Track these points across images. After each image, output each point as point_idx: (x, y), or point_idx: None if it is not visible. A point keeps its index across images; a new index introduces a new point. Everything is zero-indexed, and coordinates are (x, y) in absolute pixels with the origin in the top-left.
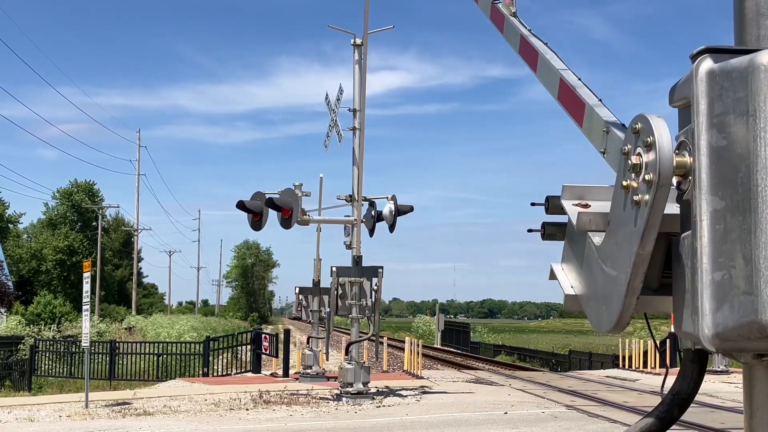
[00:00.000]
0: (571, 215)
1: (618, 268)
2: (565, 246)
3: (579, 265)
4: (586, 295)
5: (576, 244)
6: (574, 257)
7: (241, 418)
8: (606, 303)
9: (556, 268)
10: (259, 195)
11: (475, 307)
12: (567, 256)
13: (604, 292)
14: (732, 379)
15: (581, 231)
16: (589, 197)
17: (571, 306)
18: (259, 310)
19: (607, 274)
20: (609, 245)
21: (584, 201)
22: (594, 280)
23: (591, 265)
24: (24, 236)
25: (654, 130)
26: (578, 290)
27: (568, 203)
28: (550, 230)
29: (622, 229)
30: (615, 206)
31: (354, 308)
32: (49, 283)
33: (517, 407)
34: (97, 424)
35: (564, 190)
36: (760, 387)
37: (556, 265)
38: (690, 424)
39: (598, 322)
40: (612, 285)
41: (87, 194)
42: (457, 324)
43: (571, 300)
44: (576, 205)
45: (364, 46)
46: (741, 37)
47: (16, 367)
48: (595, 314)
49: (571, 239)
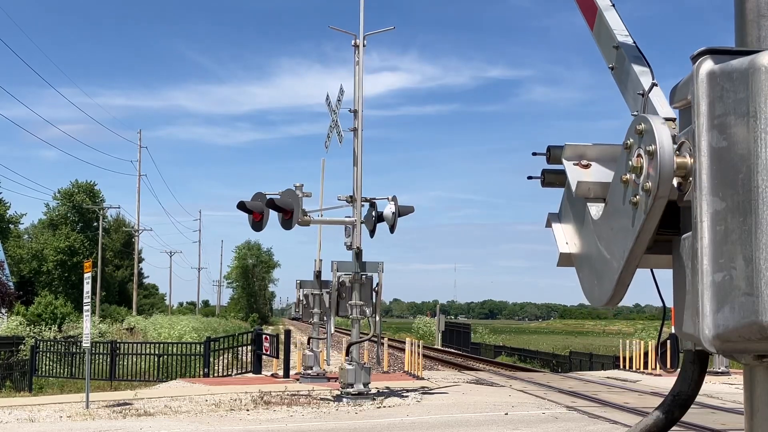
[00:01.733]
0: (571, 178)
1: (612, 253)
2: (564, 199)
3: (575, 225)
4: (580, 261)
5: (574, 205)
6: (572, 215)
7: (241, 418)
8: (598, 279)
9: (552, 219)
10: (260, 196)
11: (475, 307)
12: (564, 211)
13: (597, 268)
14: (732, 380)
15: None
16: (591, 156)
17: (564, 263)
18: (259, 311)
19: (601, 252)
20: (605, 227)
21: (585, 161)
22: (589, 251)
23: (587, 234)
24: (25, 237)
25: (655, 133)
26: (573, 250)
27: (568, 163)
28: (549, 178)
29: (619, 220)
30: (613, 195)
31: (354, 308)
32: (49, 284)
33: (518, 408)
34: (98, 425)
35: (565, 149)
36: (760, 388)
37: (553, 215)
38: (691, 425)
39: (590, 295)
40: (605, 266)
41: (88, 195)
42: (457, 325)
43: (566, 258)
44: (576, 164)
45: (360, 47)
46: (741, 38)
47: (17, 368)
48: (587, 285)
49: (570, 197)
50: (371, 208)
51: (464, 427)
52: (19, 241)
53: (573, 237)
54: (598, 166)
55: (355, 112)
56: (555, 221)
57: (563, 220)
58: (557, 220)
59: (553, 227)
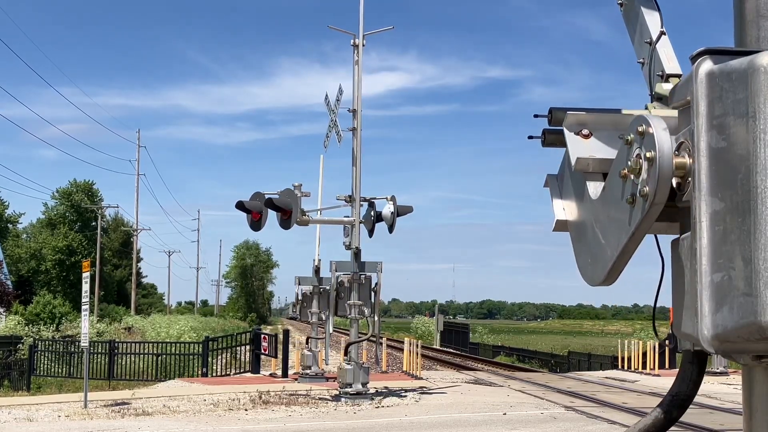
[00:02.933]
0: (571, 150)
1: (607, 240)
2: (564, 164)
3: (574, 194)
4: (575, 232)
5: (574, 175)
6: (571, 183)
7: (240, 418)
8: (592, 259)
9: (551, 182)
10: (259, 195)
11: (474, 307)
12: (564, 176)
13: (592, 248)
14: (731, 381)
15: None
16: (593, 125)
17: (559, 228)
18: (258, 311)
19: (596, 234)
20: (602, 211)
21: (586, 131)
22: (584, 226)
23: (584, 209)
24: (23, 236)
25: (655, 140)
26: (569, 218)
27: (569, 133)
28: (551, 139)
29: (616, 211)
30: (611, 186)
31: (353, 308)
32: (48, 283)
33: (516, 408)
34: (96, 424)
35: (567, 117)
36: (759, 388)
37: (552, 177)
38: (689, 425)
39: (584, 272)
40: (599, 249)
41: (86, 194)
42: (456, 325)
43: (561, 224)
44: (577, 134)
45: (359, 47)
46: (741, 39)
47: (15, 367)
48: (581, 261)
49: (570, 164)
50: (370, 207)
51: (463, 427)
52: (17, 241)
53: (570, 205)
54: (600, 136)
55: (354, 111)
56: (553, 183)
57: (562, 184)
58: (555, 182)
59: (550, 189)
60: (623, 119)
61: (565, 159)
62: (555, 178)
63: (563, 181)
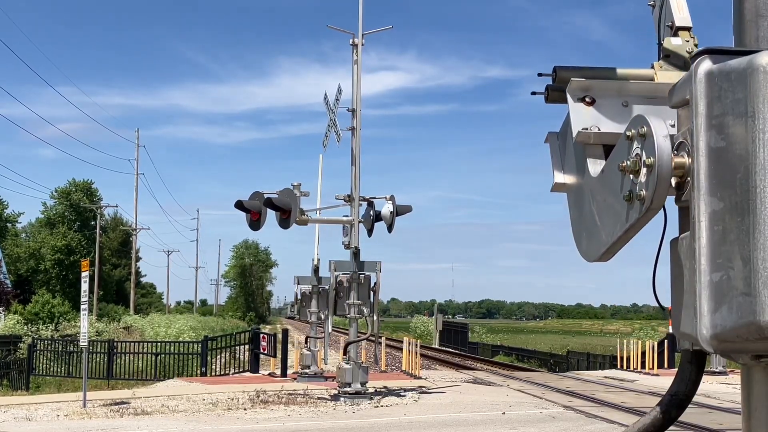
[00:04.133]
0: (573, 119)
1: (603, 223)
2: (566, 126)
3: (574, 160)
4: (572, 200)
5: (576, 143)
6: (573, 149)
7: (239, 417)
8: (587, 234)
9: (552, 140)
10: (258, 195)
11: (473, 307)
12: (565, 138)
13: (587, 225)
14: (730, 380)
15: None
16: (597, 92)
17: (557, 190)
18: (257, 310)
19: (593, 213)
20: (600, 192)
21: (589, 97)
22: (581, 199)
23: (583, 181)
24: (22, 235)
25: (656, 148)
26: (567, 181)
27: (572, 99)
28: (554, 96)
29: (613, 200)
30: (610, 176)
31: (352, 308)
32: (47, 283)
33: (515, 407)
34: (95, 424)
35: (571, 83)
36: (758, 388)
37: (553, 135)
38: (688, 425)
39: (579, 246)
40: (594, 229)
41: (85, 193)
42: (455, 324)
43: (559, 187)
44: (580, 100)
45: (358, 46)
46: (740, 39)
47: (14, 366)
48: (576, 233)
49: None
50: (369, 207)
51: (462, 426)
52: (16, 240)
53: (570, 170)
54: (604, 103)
55: (353, 111)
56: (553, 141)
57: (563, 145)
58: (556, 140)
59: (550, 147)
60: (628, 86)
61: (567, 120)
62: (556, 137)
63: (564, 142)
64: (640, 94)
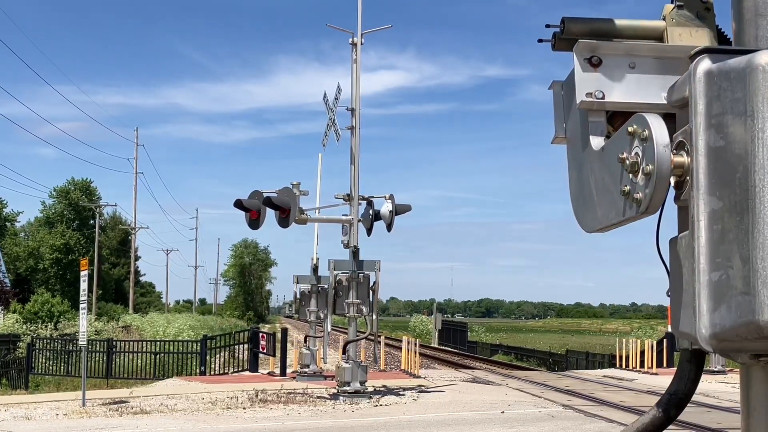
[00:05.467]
0: (578, 80)
1: (599, 201)
2: (571, 80)
3: (579, 123)
4: (571, 160)
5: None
6: (578, 111)
7: (238, 416)
8: (583, 203)
9: (556, 89)
10: (257, 194)
11: (472, 306)
12: (570, 93)
13: (583, 193)
14: (729, 380)
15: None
16: (604, 52)
17: (558, 143)
18: (256, 309)
19: (590, 186)
20: (598, 170)
21: (596, 57)
22: (580, 163)
23: (583, 146)
24: (21, 234)
25: (655, 156)
26: (568, 136)
27: (578, 59)
28: (561, 45)
29: (611, 183)
30: (609, 159)
31: (351, 307)
32: (46, 282)
33: (514, 407)
34: (94, 423)
35: (578, 44)
36: (757, 387)
37: (558, 84)
38: (687, 424)
39: (576, 210)
40: (591, 202)
41: (84, 192)
42: (454, 323)
43: (560, 140)
44: (586, 60)
45: (358, 45)
46: (739, 38)
47: (14, 365)
48: (574, 198)
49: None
50: (368, 206)
51: (461, 425)
52: (15, 239)
53: (572, 126)
54: (610, 64)
55: (352, 110)
56: (557, 91)
57: (567, 99)
58: (560, 91)
59: (554, 97)
60: (636, 48)
61: (572, 74)
62: (561, 86)
63: (569, 96)
64: (648, 54)
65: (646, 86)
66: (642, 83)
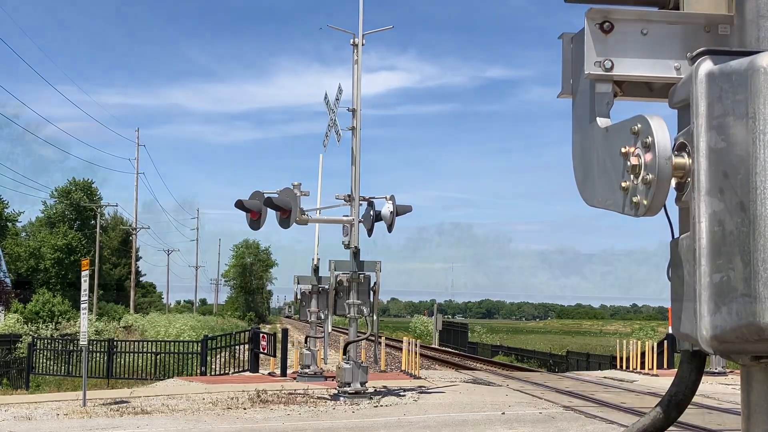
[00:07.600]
0: (587, 48)
1: (600, 183)
2: (582, 38)
3: (588, 89)
4: (575, 123)
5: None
6: (587, 85)
7: (238, 417)
8: (584, 176)
9: (565, 42)
10: (258, 194)
11: (473, 307)
12: (579, 50)
13: (584, 167)
14: (729, 381)
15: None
16: (616, 17)
17: (563, 97)
18: (257, 310)
19: (592, 162)
20: (601, 152)
21: (608, 23)
22: (583, 134)
23: (588, 121)
24: (22, 234)
25: (657, 164)
26: (573, 98)
27: (589, 25)
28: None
29: (612, 170)
30: (611, 151)
31: (352, 307)
32: (47, 282)
33: (515, 407)
34: (95, 423)
35: (590, 11)
36: (757, 389)
37: (567, 36)
38: (688, 426)
39: (577, 180)
40: (591, 179)
41: (85, 193)
42: (455, 324)
43: (566, 96)
44: (598, 26)
45: (359, 46)
46: (741, 39)
47: (14, 365)
48: (576, 167)
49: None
50: (369, 207)
51: (461, 426)
52: (16, 239)
53: (578, 87)
54: (622, 29)
55: (353, 111)
56: (567, 45)
57: (576, 56)
58: (570, 46)
59: (563, 51)
60: (649, 14)
61: (582, 32)
62: (570, 39)
63: (577, 54)
64: (662, 20)
65: (658, 53)
66: (654, 51)
